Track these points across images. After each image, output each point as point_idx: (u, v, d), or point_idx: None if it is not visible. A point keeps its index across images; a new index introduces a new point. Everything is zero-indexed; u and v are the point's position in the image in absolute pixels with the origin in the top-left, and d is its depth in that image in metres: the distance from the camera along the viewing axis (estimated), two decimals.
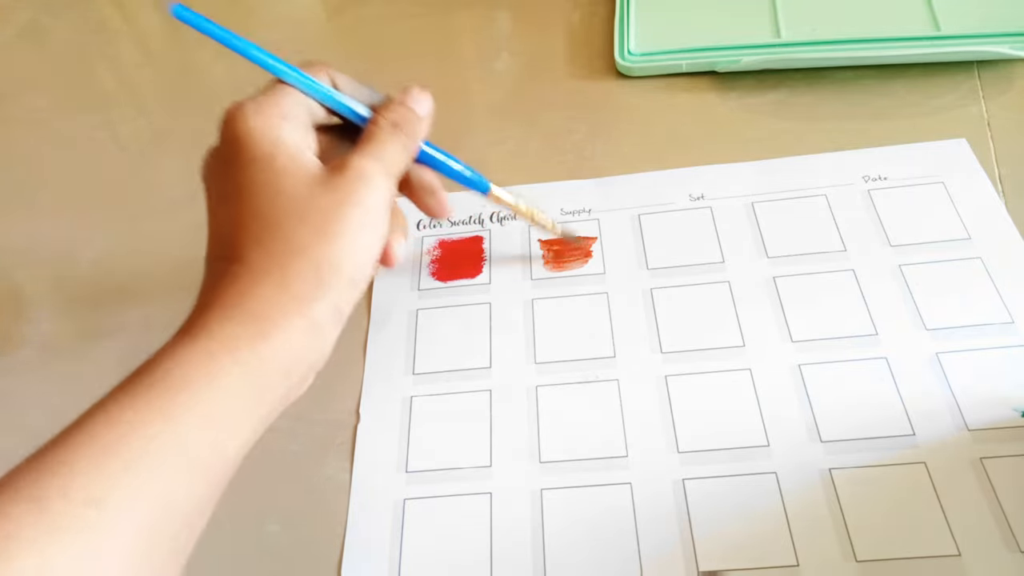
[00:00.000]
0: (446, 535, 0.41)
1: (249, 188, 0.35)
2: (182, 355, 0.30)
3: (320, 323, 0.33)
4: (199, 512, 0.30)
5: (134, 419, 0.28)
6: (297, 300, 0.33)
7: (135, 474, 0.27)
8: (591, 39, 0.65)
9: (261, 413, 0.32)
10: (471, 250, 0.52)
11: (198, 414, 0.29)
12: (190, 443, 0.29)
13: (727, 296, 0.47)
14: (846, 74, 0.58)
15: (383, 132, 0.37)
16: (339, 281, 0.34)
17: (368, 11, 0.72)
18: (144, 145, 0.64)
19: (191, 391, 0.29)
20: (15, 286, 0.56)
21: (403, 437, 0.44)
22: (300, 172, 0.35)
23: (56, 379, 0.50)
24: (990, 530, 0.37)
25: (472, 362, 0.47)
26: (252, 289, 0.33)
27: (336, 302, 0.34)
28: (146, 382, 0.30)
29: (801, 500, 0.39)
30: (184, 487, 0.29)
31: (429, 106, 0.41)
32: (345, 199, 0.34)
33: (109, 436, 0.28)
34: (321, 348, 0.34)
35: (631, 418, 0.43)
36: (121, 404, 0.29)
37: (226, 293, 0.33)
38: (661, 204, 0.52)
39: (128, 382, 0.30)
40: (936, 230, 0.48)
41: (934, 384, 0.42)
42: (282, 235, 0.33)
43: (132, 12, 0.78)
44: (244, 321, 0.32)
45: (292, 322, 0.32)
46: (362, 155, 0.36)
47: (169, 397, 0.29)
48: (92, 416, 0.29)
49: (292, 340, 0.32)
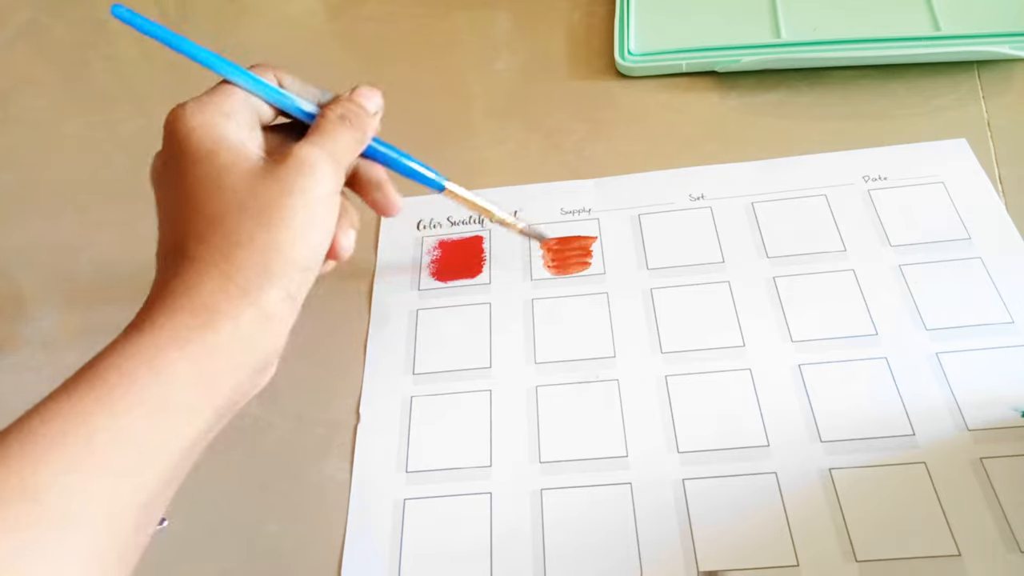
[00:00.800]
0: (446, 535, 0.41)
1: (193, 185, 0.34)
2: (128, 350, 0.30)
3: (270, 312, 0.33)
4: (152, 504, 0.30)
5: (78, 414, 0.28)
6: (244, 289, 0.32)
7: (78, 469, 0.27)
8: (591, 39, 0.65)
9: (217, 404, 0.32)
10: (471, 250, 0.52)
11: (146, 408, 0.29)
12: (136, 436, 0.29)
13: (727, 296, 0.47)
14: (846, 74, 0.58)
15: (330, 123, 0.37)
16: (287, 268, 0.34)
17: (368, 11, 0.72)
18: (144, 145, 0.64)
19: (139, 385, 0.29)
20: (16, 286, 0.56)
21: (403, 437, 0.44)
22: (242, 166, 0.35)
23: (57, 379, 0.50)
24: (990, 530, 0.37)
25: (472, 362, 0.47)
26: (199, 282, 0.32)
27: (286, 289, 0.34)
28: (89, 378, 0.29)
29: (801, 500, 0.39)
30: (132, 480, 0.28)
31: (378, 103, 0.41)
32: (288, 187, 0.34)
33: (51, 431, 0.27)
34: (274, 336, 0.34)
35: (631, 418, 0.43)
36: (64, 400, 0.28)
37: (173, 287, 0.32)
38: (661, 204, 0.52)
39: (73, 378, 0.29)
40: (936, 230, 0.48)
41: (934, 384, 0.42)
42: (225, 228, 0.33)
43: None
44: (192, 312, 0.32)
45: (241, 311, 0.32)
46: (307, 143, 0.36)
47: (114, 391, 0.29)
48: (35, 412, 0.28)
49: (242, 329, 0.32)
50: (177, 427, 0.30)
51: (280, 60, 0.68)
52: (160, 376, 0.30)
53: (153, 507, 0.30)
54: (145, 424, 0.29)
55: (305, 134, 0.37)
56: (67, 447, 0.27)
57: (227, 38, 0.73)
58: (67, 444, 0.27)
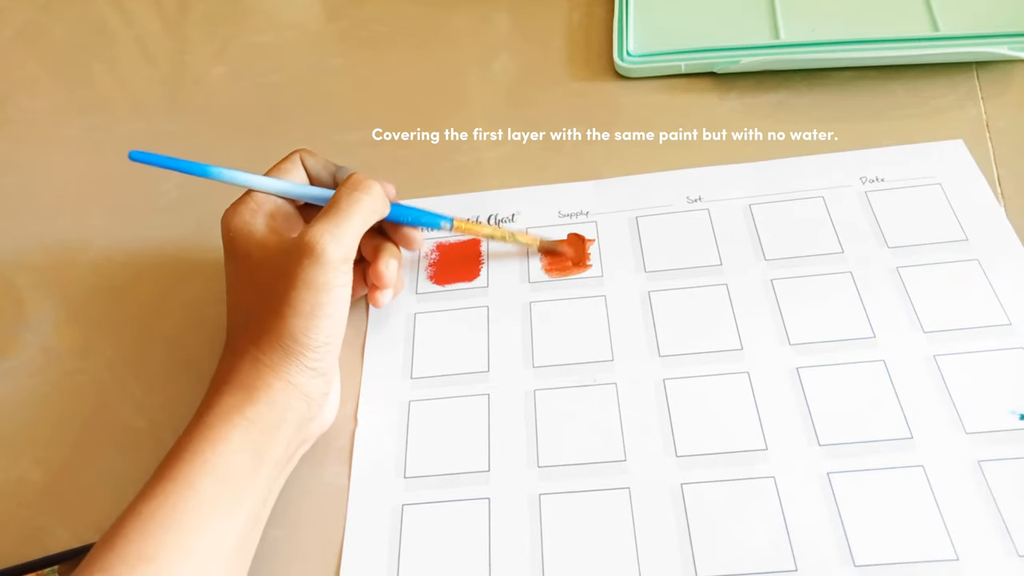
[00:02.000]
0: (444, 540, 0.41)
1: (235, 285, 0.43)
2: (194, 432, 0.38)
3: (296, 383, 0.40)
4: (240, 549, 0.37)
5: (164, 491, 0.36)
6: (271, 368, 0.39)
7: (172, 531, 0.35)
8: (590, 40, 0.65)
9: (271, 461, 0.39)
10: (469, 253, 0.52)
11: (212, 477, 0.37)
12: (207, 501, 0.36)
13: (725, 299, 0.47)
14: (845, 75, 0.57)
15: (343, 198, 0.42)
16: (301, 349, 0.39)
17: (367, 12, 0.72)
18: (144, 146, 0.64)
19: (203, 459, 0.37)
20: (15, 288, 0.56)
21: (401, 442, 0.44)
22: (269, 261, 0.41)
23: (56, 382, 0.50)
24: (988, 534, 0.37)
25: (470, 366, 0.47)
26: (239, 366, 0.40)
27: (306, 365, 0.40)
28: (170, 458, 0.37)
29: (799, 504, 0.39)
30: (214, 535, 0.36)
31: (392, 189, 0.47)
32: (293, 280, 0.39)
33: (150, 508, 0.35)
34: (305, 401, 0.40)
35: (629, 422, 0.43)
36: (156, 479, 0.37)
37: (223, 374, 0.40)
38: (659, 206, 0.52)
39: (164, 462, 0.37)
40: (933, 232, 0.48)
41: (932, 387, 0.42)
42: (255, 319, 0.41)
43: (132, 12, 0.78)
44: (234, 392, 0.39)
45: (271, 385, 0.39)
46: (313, 225, 0.41)
47: (188, 468, 0.36)
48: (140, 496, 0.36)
49: (274, 399, 0.39)
50: (239, 488, 0.37)
51: (280, 60, 0.69)
52: (217, 449, 0.37)
53: (242, 551, 0.38)
54: (214, 491, 0.36)
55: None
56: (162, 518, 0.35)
57: (227, 39, 0.73)
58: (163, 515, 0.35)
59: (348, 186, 0.43)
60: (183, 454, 0.37)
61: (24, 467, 0.47)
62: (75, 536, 0.43)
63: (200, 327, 0.51)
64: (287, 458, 0.40)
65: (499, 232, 0.50)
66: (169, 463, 0.37)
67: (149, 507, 0.35)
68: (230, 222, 0.43)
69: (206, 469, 0.37)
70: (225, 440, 0.38)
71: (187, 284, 0.54)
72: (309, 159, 0.46)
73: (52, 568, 0.41)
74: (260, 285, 0.41)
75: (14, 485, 0.46)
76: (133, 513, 0.35)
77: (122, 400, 0.49)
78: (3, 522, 0.45)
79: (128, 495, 0.44)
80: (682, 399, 0.44)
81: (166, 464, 0.37)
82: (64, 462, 0.47)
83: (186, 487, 0.36)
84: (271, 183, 0.44)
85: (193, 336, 0.51)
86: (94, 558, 0.34)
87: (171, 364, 0.50)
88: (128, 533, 0.35)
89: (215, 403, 0.39)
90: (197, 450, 0.37)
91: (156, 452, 0.46)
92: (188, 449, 0.37)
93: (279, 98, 0.66)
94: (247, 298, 0.42)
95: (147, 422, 0.48)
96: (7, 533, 0.44)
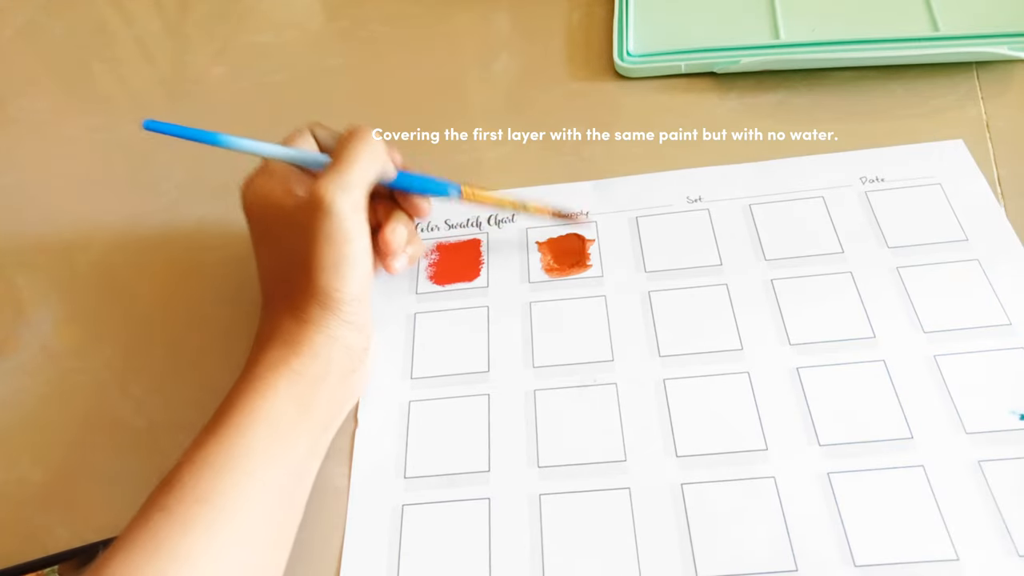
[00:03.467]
0: (445, 541, 0.41)
1: (261, 248, 0.45)
2: (243, 385, 0.40)
3: (336, 335, 0.41)
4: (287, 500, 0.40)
5: (217, 438, 0.38)
6: (312, 323, 0.41)
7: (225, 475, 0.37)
8: (590, 40, 0.65)
9: (317, 413, 0.41)
10: (469, 253, 0.52)
11: (263, 425, 0.39)
12: (258, 447, 0.38)
13: (725, 299, 0.47)
14: (845, 75, 0.57)
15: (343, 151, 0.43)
16: (337, 304, 0.41)
17: (367, 12, 0.72)
18: (144, 145, 0.64)
19: (252, 407, 0.39)
20: (15, 288, 0.56)
21: (401, 442, 0.44)
22: (287, 221, 0.42)
23: (56, 381, 0.50)
24: (988, 534, 0.37)
25: (470, 366, 0.47)
26: (280, 323, 0.42)
27: (343, 319, 0.41)
28: (224, 410, 0.39)
29: (799, 504, 0.39)
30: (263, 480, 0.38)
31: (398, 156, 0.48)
32: (312, 236, 0.40)
33: (202, 454, 0.37)
34: (347, 352, 0.42)
35: (629, 422, 0.43)
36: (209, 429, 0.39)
37: (265, 331, 0.43)
38: (659, 206, 0.52)
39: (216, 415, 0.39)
40: (933, 232, 0.48)
41: (932, 387, 0.42)
42: (285, 279, 0.42)
43: (132, 12, 0.78)
44: (278, 347, 0.41)
45: (313, 339, 0.41)
46: (319, 179, 0.41)
47: (240, 416, 0.39)
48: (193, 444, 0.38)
49: (317, 352, 0.41)
50: (288, 433, 0.40)
51: (280, 60, 0.69)
52: (266, 397, 0.39)
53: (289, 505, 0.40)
54: (266, 439, 0.38)
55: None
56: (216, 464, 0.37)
57: (228, 38, 0.73)
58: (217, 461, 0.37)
59: (345, 137, 0.44)
60: (234, 404, 0.39)
61: (24, 466, 0.47)
62: (75, 536, 0.43)
63: (201, 326, 0.51)
64: (331, 415, 0.43)
65: (507, 201, 0.50)
66: (221, 414, 0.39)
67: (202, 453, 0.37)
68: (247, 190, 0.45)
69: (257, 417, 0.39)
70: (273, 389, 0.40)
71: (187, 283, 0.54)
72: (320, 130, 0.47)
73: (52, 568, 0.41)
74: (283, 245, 0.43)
75: (14, 484, 0.46)
76: (187, 460, 0.37)
77: (122, 400, 0.49)
78: (3, 522, 0.45)
79: (128, 494, 0.44)
80: (682, 399, 0.44)
81: (218, 415, 0.39)
82: (64, 461, 0.47)
83: (238, 435, 0.38)
84: (280, 150, 0.45)
85: (193, 335, 0.51)
86: (153, 500, 0.37)
87: (171, 364, 0.50)
88: (183, 477, 0.37)
89: (261, 358, 0.41)
90: (247, 400, 0.39)
91: (156, 451, 0.46)
92: (239, 400, 0.39)
93: (279, 98, 0.66)
94: (273, 259, 0.44)
95: (147, 422, 0.48)
96: (7, 533, 0.44)
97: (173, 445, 0.46)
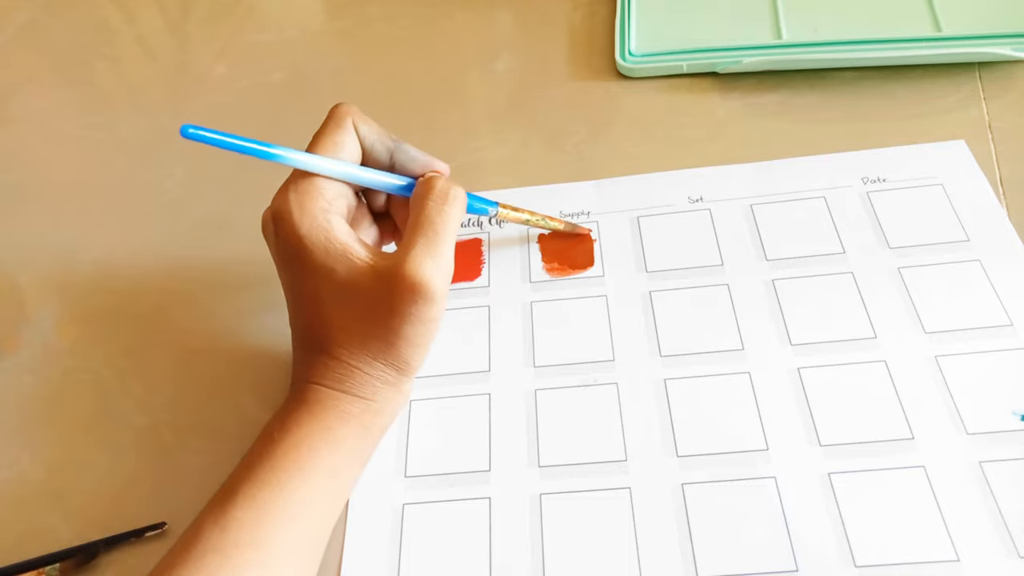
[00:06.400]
0: (445, 540, 0.41)
1: (318, 296, 0.40)
2: (307, 428, 0.39)
3: (404, 390, 0.43)
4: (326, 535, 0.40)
5: (279, 481, 0.37)
6: (391, 385, 0.41)
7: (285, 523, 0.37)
8: (592, 40, 0.65)
9: (364, 458, 0.42)
10: (470, 253, 0.52)
11: (323, 472, 0.39)
12: (317, 493, 0.38)
13: (726, 299, 0.47)
14: (847, 75, 0.57)
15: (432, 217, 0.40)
16: (413, 370, 0.42)
17: (369, 11, 0.72)
18: (144, 145, 0.64)
19: (319, 456, 0.39)
20: (16, 287, 0.56)
21: (402, 441, 0.44)
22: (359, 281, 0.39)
23: (58, 380, 0.50)
24: (989, 535, 0.37)
25: (471, 366, 0.47)
26: (350, 376, 0.40)
27: (413, 377, 0.43)
28: (282, 450, 0.38)
29: (800, 504, 0.39)
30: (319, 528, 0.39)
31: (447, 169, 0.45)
32: (402, 317, 0.39)
33: (263, 496, 0.37)
34: (406, 399, 0.44)
35: (630, 422, 0.43)
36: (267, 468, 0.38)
37: (328, 378, 0.40)
38: (660, 206, 0.52)
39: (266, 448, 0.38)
40: (935, 232, 0.48)
41: (933, 387, 0.42)
42: (359, 342, 0.40)
43: (133, 11, 0.78)
44: (352, 401, 0.40)
45: (390, 398, 0.42)
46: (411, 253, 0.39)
47: (305, 462, 0.38)
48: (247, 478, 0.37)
49: (383, 407, 0.41)
50: (344, 482, 0.40)
51: (282, 59, 0.69)
52: (334, 450, 0.39)
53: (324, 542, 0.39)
54: (325, 484, 0.39)
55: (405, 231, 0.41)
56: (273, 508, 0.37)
57: (229, 37, 0.73)
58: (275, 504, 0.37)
59: (436, 199, 0.40)
60: (299, 448, 0.38)
61: (25, 465, 0.47)
62: (76, 534, 0.43)
63: (201, 325, 0.51)
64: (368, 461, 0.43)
65: (534, 217, 0.50)
66: (280, 452, 0.38)
67: (263, 495, 0.37)
68: (299, 222, 0.39)
69: (321, 468, 0.38)
70: (342, 442, 0.40)
71: (188, 282, 0.54)
72: (363, 127, 0.42)
73: (53, 566, 0.41)
74: (354, 307, 0.39)
75: (15, 483, 0.46)
76: (246, 498, 0.37)
77: (123, 398, 0.49)
78: (4, 520, 0.45)
79: (128, 494, 0.44)
80: (683, 399, 0.44)
81: (276, 452, 0.38)
82: (65, 460, 0.47)
83: (301, 481, 0.38)
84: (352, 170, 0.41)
85: (194, 334, 0.51)
86: (207, 538, 0.35)
87: (172, 362, 0.50)
88: (242, 518, 0.36)
89: (331, 404, 0.40)
90: (314, 447, 0.39)
91: (157, 451, 0.46)
92: (305, 444, 0.39)
93: (281, 97, 0.66)
94: (337, 317, 0.40)
95: (148, 420, 0.48)
96: (8, 531, 0.44)
97: (174, 443, 0.46)
